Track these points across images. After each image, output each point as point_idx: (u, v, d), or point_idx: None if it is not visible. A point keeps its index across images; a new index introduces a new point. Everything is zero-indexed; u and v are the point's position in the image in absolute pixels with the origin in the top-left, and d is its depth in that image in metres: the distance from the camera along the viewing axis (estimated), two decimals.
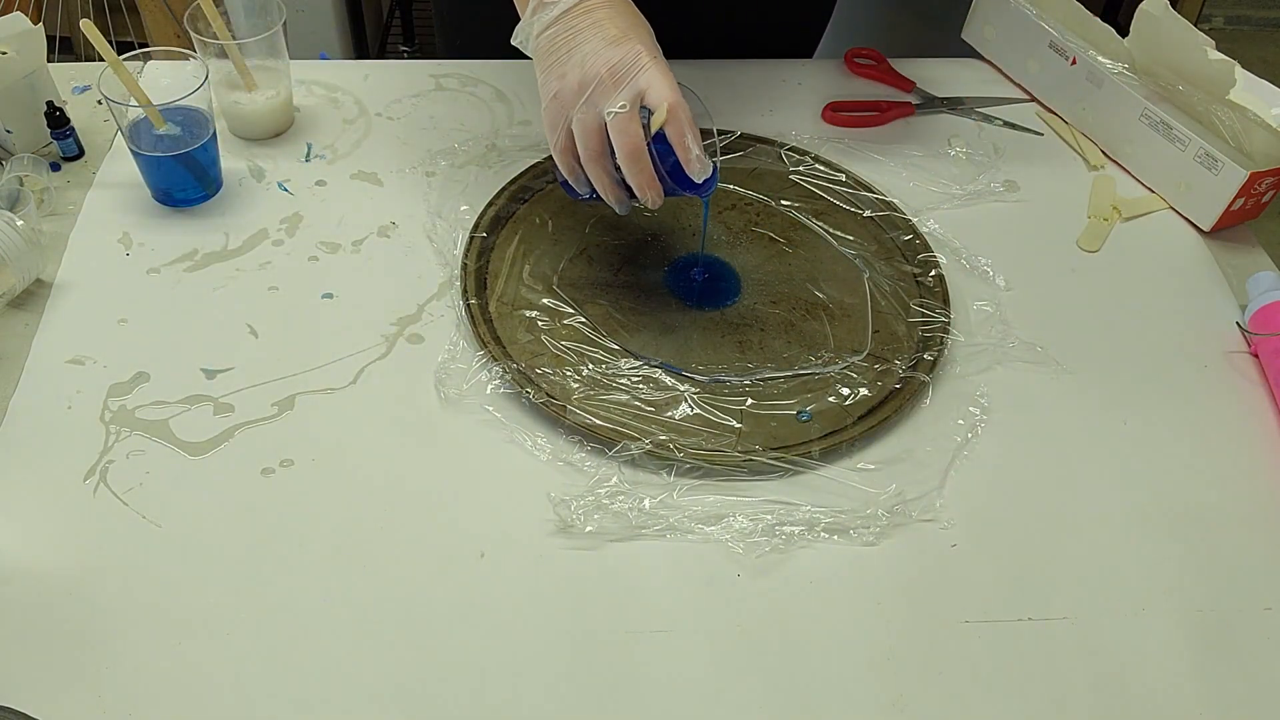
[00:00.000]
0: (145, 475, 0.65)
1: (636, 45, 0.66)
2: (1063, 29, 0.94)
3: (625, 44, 0.66)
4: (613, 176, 0.69)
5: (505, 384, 0.70)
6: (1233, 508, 0.68)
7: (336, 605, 0.60)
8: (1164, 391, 0.74)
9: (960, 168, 0.90)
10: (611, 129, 0.65)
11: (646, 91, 0.65)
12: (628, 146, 0.65)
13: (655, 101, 0.65)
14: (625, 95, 0.65)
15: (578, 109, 0.66)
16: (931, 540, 0.65)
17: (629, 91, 0.65)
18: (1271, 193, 0.84)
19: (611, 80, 0.65)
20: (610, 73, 0.65)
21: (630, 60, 0.65)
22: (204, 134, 0.78)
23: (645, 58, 0.66)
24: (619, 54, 0.65)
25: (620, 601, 0.61)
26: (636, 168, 0.66)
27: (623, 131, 0.65)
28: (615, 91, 0.65)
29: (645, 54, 0.66)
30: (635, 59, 0.65)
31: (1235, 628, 0.62)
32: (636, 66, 0.65)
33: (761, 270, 0.79)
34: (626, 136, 0.65)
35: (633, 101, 0.65)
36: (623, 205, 0.71)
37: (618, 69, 0.65)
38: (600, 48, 0.66)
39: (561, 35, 0.67)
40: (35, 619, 0.58)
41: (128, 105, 0.76)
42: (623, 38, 0.66)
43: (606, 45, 0.66)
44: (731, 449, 0.67)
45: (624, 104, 0.65)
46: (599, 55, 0.66)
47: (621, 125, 0.65)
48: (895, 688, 0.58)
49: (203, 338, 0.72)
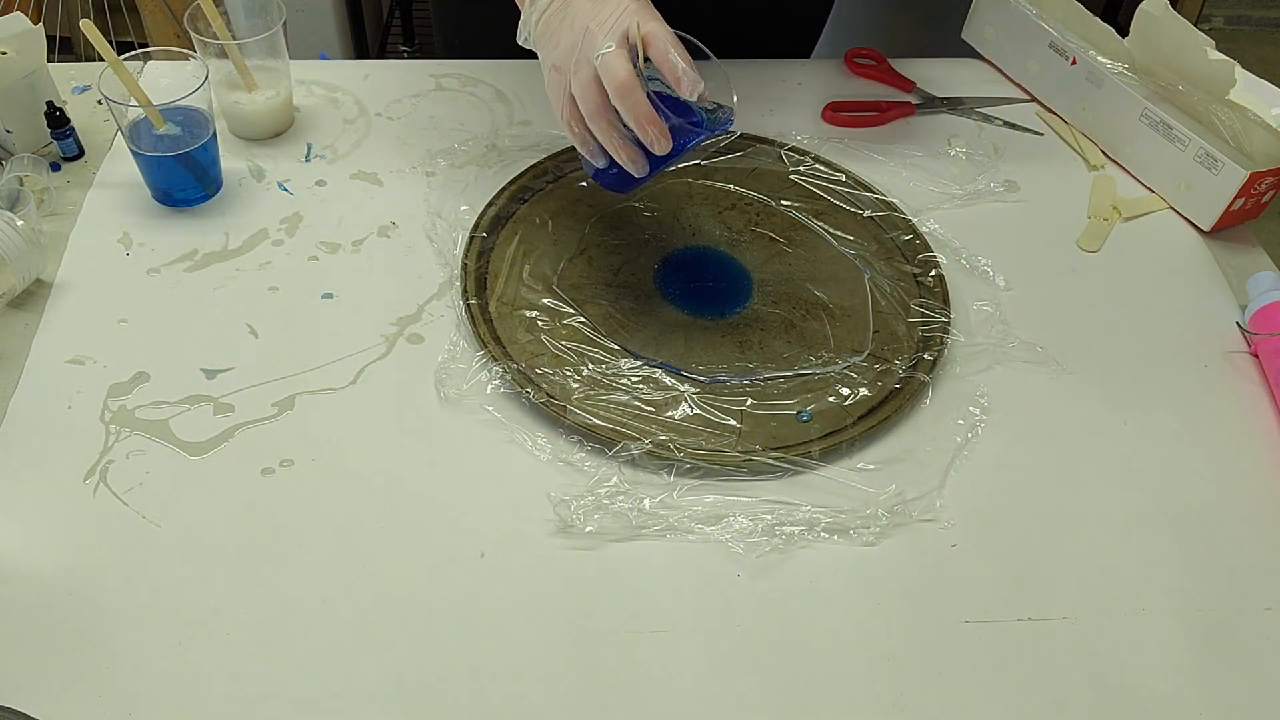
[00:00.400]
0: (145, 475, 0.65)
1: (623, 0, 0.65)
2: (1063, 29, 0.94)
3: (612, 1, 0.66)
4: (621, 133, 0.67)
5: (505, 384, 0.70)
6: (1233, 508, 0.68)
7: (336, 605, 0.60)
8: (1164, 391, 0.74)
9: (960, 168, 0.90)
10: (600, 72, 0.64)
11: (631, 29, 0.64)
12: (615, 83, 0.64)
13: (643, 35, 0.64)
14: (611, 38, 0.64)
15: (571, 69, 0.66)
16: (931, 540, 0.65)
17: (614, 34, 0.64)
18: (1271, 193, 0.84)
19: (599, 29, 0.65)
20: (598, 24, 0.65)
21: (613, 9, 0.65)
22: (204, 134, 0.78)
23: (629, 4, 0.65)
24: (605, 9, 0.66)
25: (620, 601, 0.61)
26: (630, 102, 0.64)
27: (607, 69, 0.64)
28: (602, 38, 0.65)
29: (630, 3, 0.65)
30: (619, 7, 0.65)
31: (1235, 628, 0.62)
32: (619, 9, 0.65)
33: (761, 270, 0.79)
34: (611, 73, 0.63)
35: (619, 42, 0.64)
36: (638, 164, 0.68)
37: (605, 19, 0.65)
38: (588, 7, 0.66)
39: (556, 13, 0.68)
40: (35, 619, 0.58)
41: (128, 105, 0.76)
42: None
43: (594, 4, 0.66)
44: (731, 449, 0.67)
45: (609, 45, 0.64)
46: (587, 14, 0.66)
47: (606, 64, 0.64)
48: (895, 688, 0.58)
49: (203, 338, 0.72)
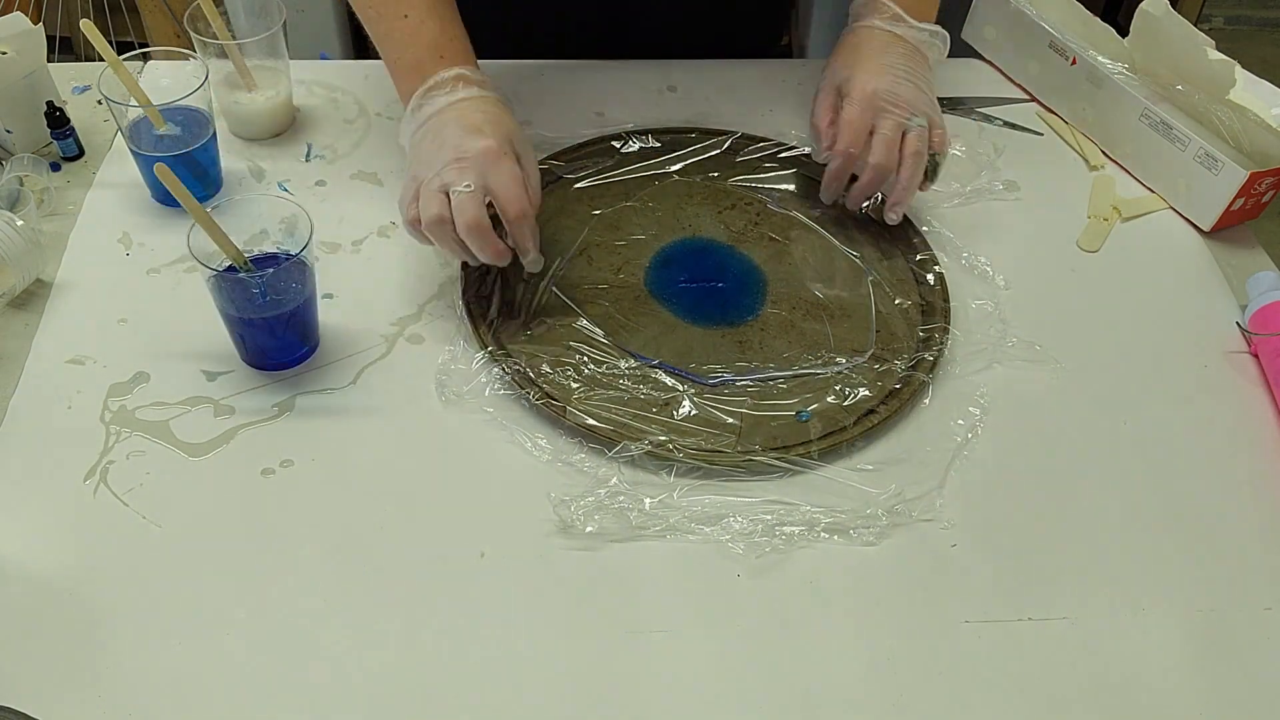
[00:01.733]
0: (145, 476, 0.65)
1: (490, 140, 0.68)
2: (1063, 29, 0.93)
3: (480, 136, 0.68)
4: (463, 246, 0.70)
5: (505, 384, 0.70)
6: (1233, 508, 0.68)
7: (336, 605, 0.60)
8: (1164, 391, 0.74)
9: (960, 168, 0.89)
10: (454, 208, 0.67)
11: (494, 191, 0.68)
12: (465, 223, 0.67)
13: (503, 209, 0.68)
14: (471, 178, 0.67)
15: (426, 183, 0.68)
16: (931, 540, 0.65)
17: (476, 177, 0.67)
18: (1271, 193, 0.84)
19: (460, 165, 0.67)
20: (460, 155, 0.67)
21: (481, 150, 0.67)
22: (204, 134, 0.78)
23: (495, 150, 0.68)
24: (476, 142, 0.68)
25: (620, 601, 0.61)
26: (480, 241, 0.68)
27: (461, 210, 0.67)
28: (461, 176, 0.67)
29: (495, 147, 0.68)
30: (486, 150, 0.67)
31: (1235, 628, 0.62)
32: (487, 157, 0.67)
33: (762, 270, 0.79)
34: (463, 214, 0.67)
35: (479, 186, 0.67)
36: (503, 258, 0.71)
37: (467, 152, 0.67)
38: (458, 135, 0.68)
39: (430, 131, 0.70)
40: (35, 619, 0.58)
41: (127, 105, 0.76)
42: (478, 130, 0.68)
43: (464, 133, 0.68)
44: (731, 449, 0.67)
45: (468, 184, 0.67)
46: (457, 140, 0.68)
47: (460, 204, 0.67)
48: (895, 688, 0.58)
49: (203, 338, 0.72)
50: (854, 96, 0.78)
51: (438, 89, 0.71)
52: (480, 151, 0.67)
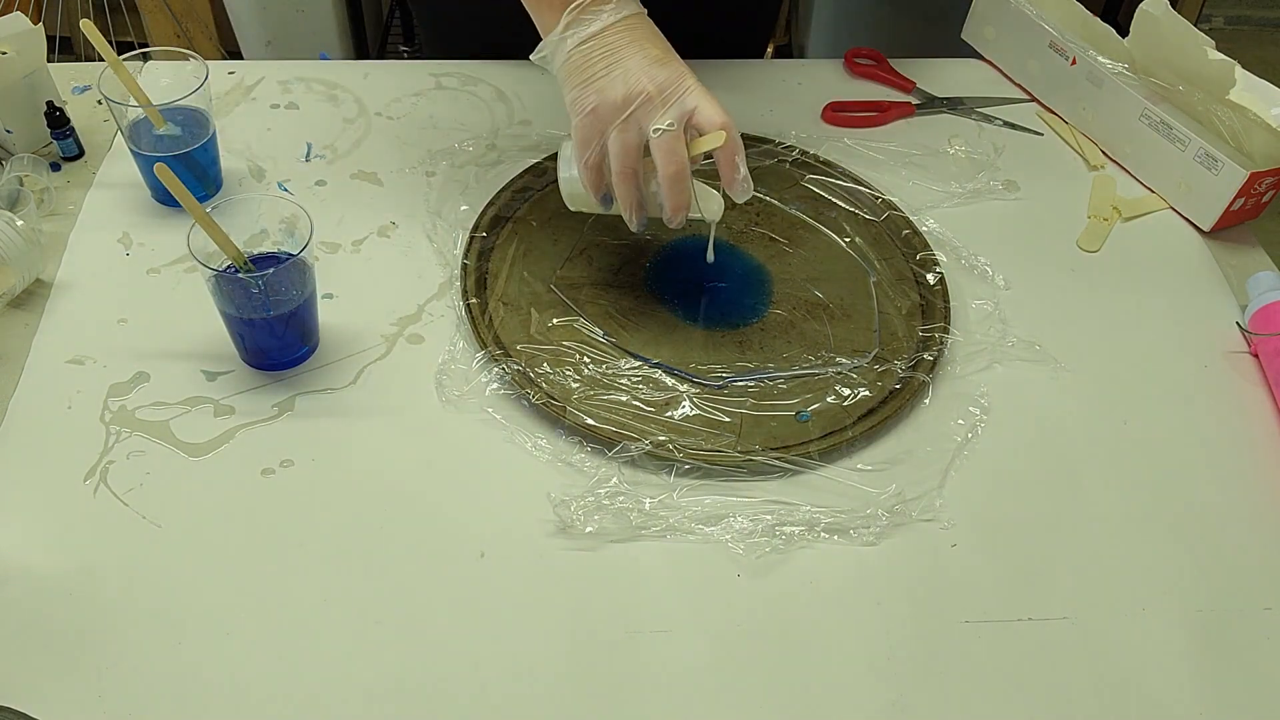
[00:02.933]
0: (145, 476, 0.65)
1: (680, 67, 0.66)
2: (1063, 29, 0.93)
3: (670, 65, 0.65)
4: (641, 196, 0.68)
5: (505, 384, 0.70)
6: (1233, 508, 0.68)
7: (336, 605, 0.60)
8: (1164, 391, 0.74)
9: (960, 167, 0.90)
10: (656, 147, 0.65)
11: (695, 113, 0.65)
12: (673, 167, 0.65)
13: (706, 123, 0.65)
14: (673, 114, 0.64)
15: (617, 124, 0.65)
16: (931, 540, 0.65)
17: (676, 110, 0.65)
18: (1271, 193, 0.84)
19: (660, 98, 0.64)
20: (658, 90, 0.64)
21: (676, 80, 0.65)
22: (204, 134, 0.78)
23: (690, 80, 0.65)
24: (665, 74, 0.65)
25: (620, 601, 0.61)
26: (679, 188, 0.66)
27: (670, 151, 0.65)
28: (662, 110, 0.64)
29: (690, 76, 0.65)
30: (681, 79, 0.65)
31: (1235, 628, 0.62)
32: (683, 87, 0.65)
33: (763, 270, 0.79)
34: (674, 156, 0.65)
35: (680, 120, 0.65)
36: (640, 222, 0.70)
37: (665, 87, 0.65)
38: (644, 64, 0.65)
39: (598, 51, 0.66)
40: (35, 619, 0.58)
41: (127, 105, 0.76)
42: (665, 58, 0.66)
43: (650, 63, 0.65)
44: (731, 449, 0.67)
45: (671, 122, 0.64)
46: (644, 72, 0.65)
47: (669, 145, 0.64)
48: (895, 688, 0.58)
49: (203, 338, 0.72)
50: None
51: (600, 1, 0.66)
52: (675, 81, 0.64)
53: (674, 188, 0.66)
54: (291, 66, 0.94)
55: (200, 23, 1.83)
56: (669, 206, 0.67)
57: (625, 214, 0.70)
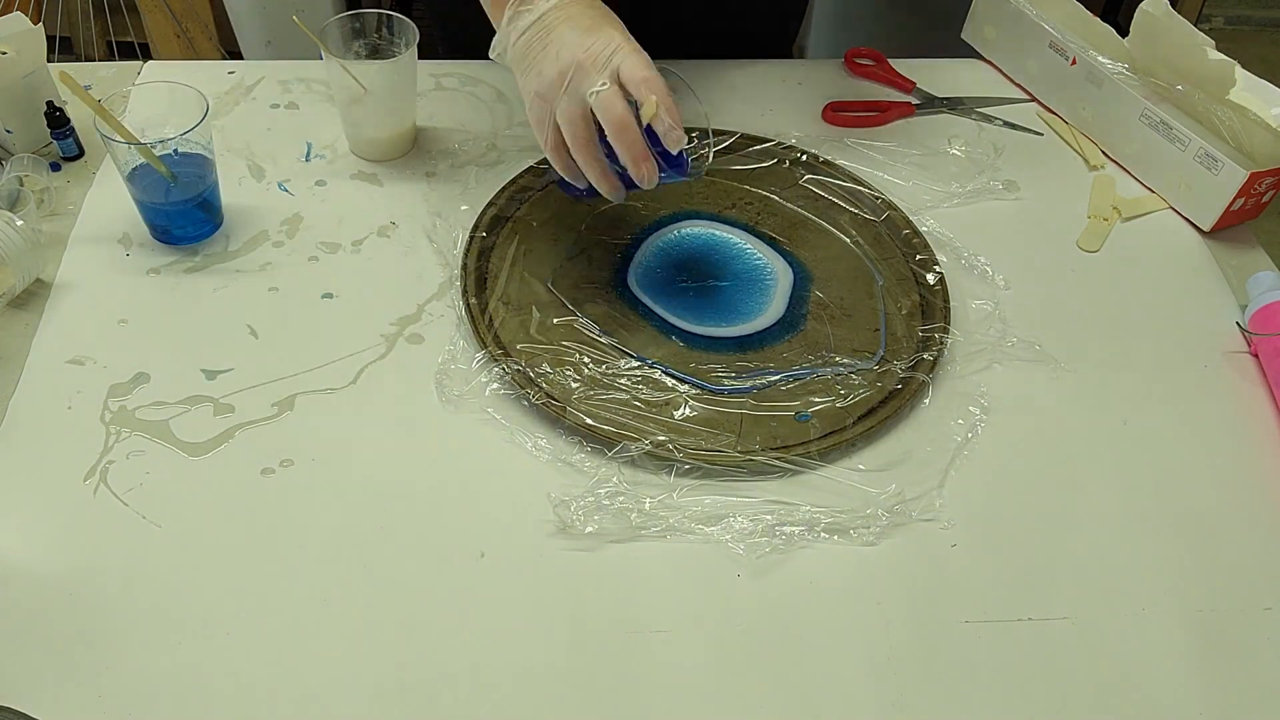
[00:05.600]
0: (145, 475, 0.65)
1: (609, 30, 0.67)
2: (1063, 29, 0.93)
3: (597, 31, 0.67)
4: (605, 164, 0.69)
5: (505, 384, 0.70)
6: (1233, 508, 0.68)
7: (336, 605, 0.60)
8: (1164, 391, 0.74)
9: (960, 167, 0.90)
10: (596, 108, 0.66)
11: (621, 69, 0.66)
12: (614, 120, 0.66)
13: (628, 78, 0.66)
14: (605, 74, 0.66)
15: (559, 100, 0.67)
16: (931, 540, 0.65)
17: (608, 71, 0.66)
18: (1271, 193, 0.84)
19: (591, 64, 0.66)
20: (588, 55, 0.66)
21: (604, 44, 0.66)
22: (208, 174, 0.76)
23: (618, 39, 0.66)
24: (592, 40, 0.66)
25: (620, 601, 0.61)
26: (626, 139, 0.66)
27: (607, 107, 0.65)
28: (594, 73, 0.66)
29: (618, 36, 0.67)
30: (609, 41, 0.66)
31: (1235, 628, 0.62)
32: (611, 47, 0.66)
33: (763, 269, 0.79)
34: (611, 111, 0.65)
35: (612, 78, 0.66)
36: (618, 193, 0.72)
37: (593, 51, 0.66)
38: (574, 37, 0.67)
39: (536, 36, 0.68)
40: (35, 619, 0.58)
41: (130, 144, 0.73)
42: (594, 27, 0.67)
43: (580, 34, 0.67)
44: (731, 449, 0.67)
45: (604, 83, 0.65)
46: (574, 43, 0.67)
47: (605, 102, 0.65)
48: (895, 688, 0.58)
49: (203, 338, 0.72)
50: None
51: None
52: (604, 45, 0.66)
53: (620, 139, 0.66)
54: (291, 66, 0.94)
55: (200, 23, 1.83)
56: (626, 161, 0.67)
57: (597, 184, 0.70)
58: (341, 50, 0.83)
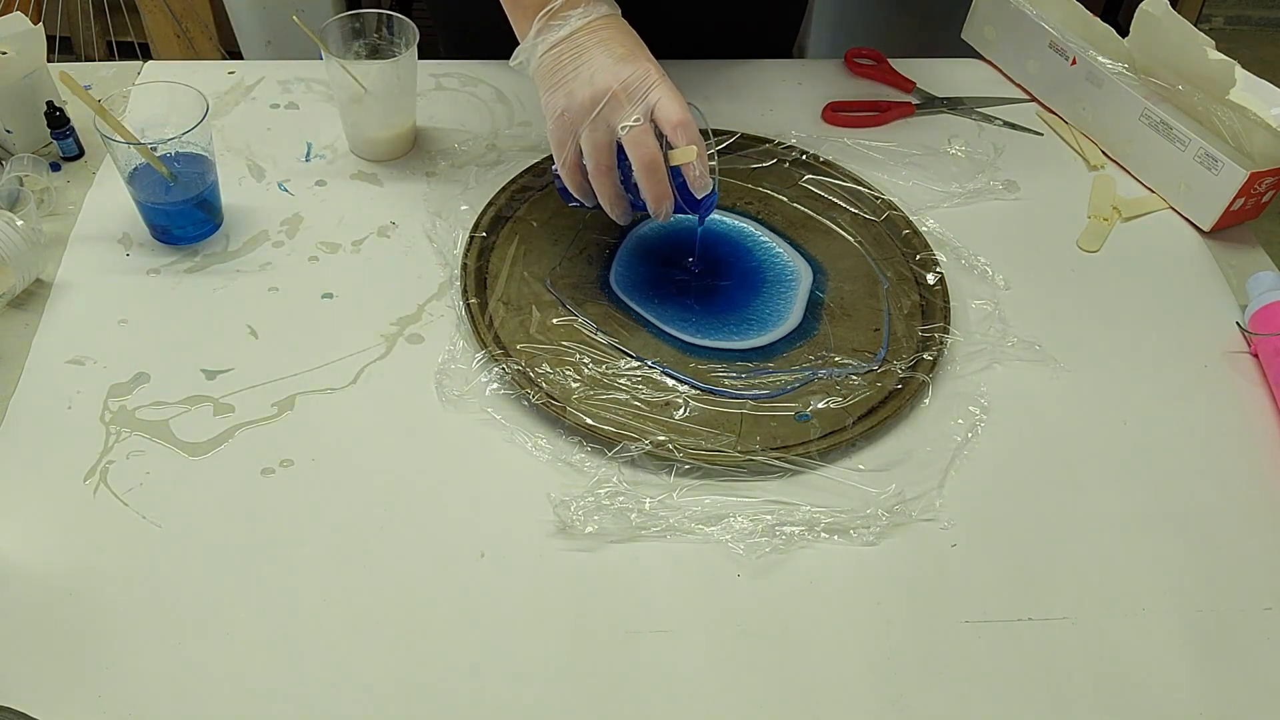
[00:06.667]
0: (145, 475, 0.65)
1: (645, 63, 0.67)
2: (1063, 29, 0.93)
3: (634, 61, 0.67)
4: (619, 190, 0.70)
5: (505, 384, 0.70)
6: (1233, 508, 0.68)
7: (336, 605, 0.60)
8: (1164, 391, 0.74)
9: (960, 167, 0.90)
10: (627, 142, 0.66)
11: (656, 107, 0.66)
12: (645, 159, 0.66)
13: (664, 119, 0.66)
14: (639, 110, 0.66)
15: (587, 124, 0.67)
16: (931, 540, 0.65)
17: (642, 106, 0.66)
18: (1271, 193, 0.84)
19: (625, 95, 0.66)
20: (622, 88, 0.66)
21: (641, 76, 0.66)
22: (208, 173, 0.77)
23: (655, 75, 0.67)
24: (629, 70, 0.66)
25: (620, 601, 0.61)
26: (655, 179, 0.67)
27: (639, 144, 0.66)
28: (628, 106, 0.66)
29: (654, 72, 0.67)
30: (645, 75, 0.67)
31: (1235, 628, 0.62)
32: (647, 83, 0.66)
33: (763, 269, 0.79)
34: (644, 150, 0.66)
35: (645, 115, 0.66)
36: (625, 217, 0.73)
37: (629, 84, 0.66)
38: (609, 64, 0.67)
39: (567, 54, 0.68)
40: (35, 619, 0.58)
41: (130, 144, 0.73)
42: (630, 55, 0.67)
43: (615, 62, 0.67)
44: (731, 449, 0.67)
45: (638, 118, 0.66)
46: (608, 71, 0.66)
47: (637, 139, 0.66)
48: (895, 688, 0.58)
49: (203, 338, 0.72)
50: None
51: (570, 6, 0.68)
52: (640, 78, 0.66)
53: (649, 178, 0.67)
54: (291, 66, 0.94)
55: (200, 23, 1.83)
56: (649, 199, 0.69)
57: (607, 208, 0.72)
58: (341, 50, 0.83)
